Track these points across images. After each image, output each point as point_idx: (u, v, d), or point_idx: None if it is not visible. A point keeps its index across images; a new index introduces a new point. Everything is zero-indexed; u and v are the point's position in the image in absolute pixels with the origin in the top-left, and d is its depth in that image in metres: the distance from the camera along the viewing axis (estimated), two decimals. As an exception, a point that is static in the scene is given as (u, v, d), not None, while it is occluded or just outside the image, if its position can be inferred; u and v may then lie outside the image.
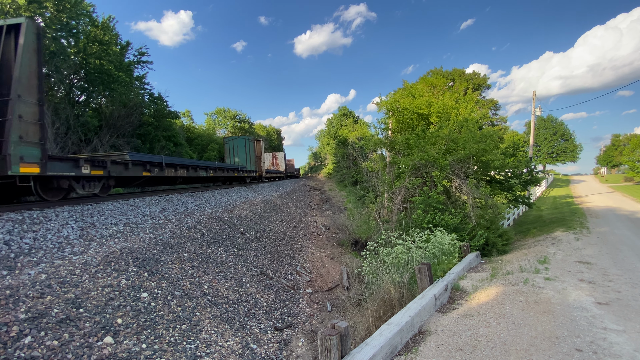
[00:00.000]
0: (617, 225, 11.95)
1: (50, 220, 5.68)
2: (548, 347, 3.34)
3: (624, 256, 7.45)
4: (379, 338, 3.41)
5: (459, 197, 10.24)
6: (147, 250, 5.82)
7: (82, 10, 16.35)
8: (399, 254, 6.46)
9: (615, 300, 4.62)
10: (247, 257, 8.11)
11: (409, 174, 10.98)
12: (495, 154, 10.81)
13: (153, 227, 7.07)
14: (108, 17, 18.83)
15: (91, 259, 4.78)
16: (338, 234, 14.50)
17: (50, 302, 3.68)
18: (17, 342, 3.06)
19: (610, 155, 68.61)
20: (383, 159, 15.30)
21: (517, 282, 5.49)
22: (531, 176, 12.69)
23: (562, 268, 6.40)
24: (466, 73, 38.12)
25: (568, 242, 9.17)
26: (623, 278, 5.74)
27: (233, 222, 9.82)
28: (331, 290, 8.28)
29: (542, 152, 60.89)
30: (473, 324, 4.00)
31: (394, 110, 15.57)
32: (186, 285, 5.46)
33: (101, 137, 17.47)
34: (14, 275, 3.92)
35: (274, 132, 62.17)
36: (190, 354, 3.97)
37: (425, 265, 5.29)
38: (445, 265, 6.61)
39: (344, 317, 6.65)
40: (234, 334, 4.87)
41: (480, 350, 3.37)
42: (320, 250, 11.58)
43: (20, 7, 13.38)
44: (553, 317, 4.02)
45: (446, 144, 11.12)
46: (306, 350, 5.30)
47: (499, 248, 9.13)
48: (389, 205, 12.20)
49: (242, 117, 49.66)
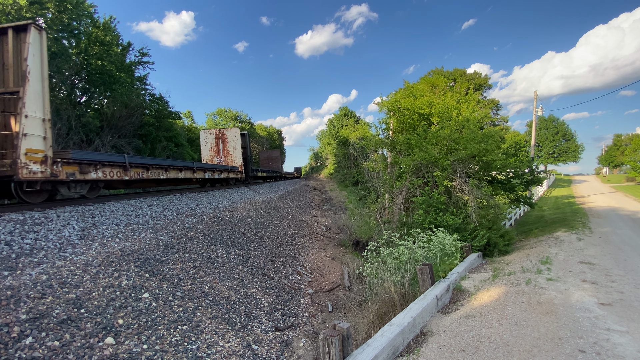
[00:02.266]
0: (620, 225, 11.90)
1: (51, 220, 5.69)
2: (551, 348, 3.31)
3: (627, 256, 7.41)
4: (380, 339, 3.40)
5: (460, 197, 10.21)
6: (149, 250, 5.81)
7: (84, 11, 16.40)
8: (401, 254, 6.44)
9: (618, 301, 4.59)
10: (248, 257, 8.11)
11: (410, 174, 10.95)
12: (497, 154, 10.78)
13: (154, 227, 7.07)
14: (109, 18, 18.89)
15: (92, 259, 4.77)
16: (339, 234, 14.49)
17: (52, 302, 3.68)
18: (18, 342, 3.06)
19: (612, 155, 68.37)
20: (384, 159, 15.28)
21: (519, 282, 5.46)
22: (533, 176, 12.66)
23: (564, 268, 6.37)
24: (467, 73, 38.09)
25: (570, 242, 9.13)
26: (626, 278, 5.71)
27: (234, 223, 9.81)
28: (332, 290, 8.26)
29: (544, 152, 60.76)
30: (475, 325, 3.98)
31: (395, 110, 15.55)
32: (187, 285, 5.45)
33: (102, 137, 17.51)
34: (15, 276, 3.92)
35: (275, 133, 62.20)
36: (191, 355, 3.96)
37: (427, 266, 5.27)
38: (446, 265, 6.58)
39: (345, 318, 6.63)
40: (235, 334, 4.86)
41: (483, 351, 3.35)
42: (322, 250, 11.56)
43: (21, 7, 13.42)
44: (556, 318, 3.99)
45: (447, 144, 11.09)
46: (307, 351, 5.28)
47: (500, 248, 9.09)
48: (390, 206, 12.17)
49: (243, 118, 49.77)
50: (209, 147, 17.96)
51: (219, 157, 17.93)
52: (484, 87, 38.46)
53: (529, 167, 12.82)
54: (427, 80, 30.89)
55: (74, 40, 16.71)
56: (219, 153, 17.90)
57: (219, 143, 17.95)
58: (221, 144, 17.95)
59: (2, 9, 13.14)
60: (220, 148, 17.93)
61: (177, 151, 24.48)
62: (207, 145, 18.01)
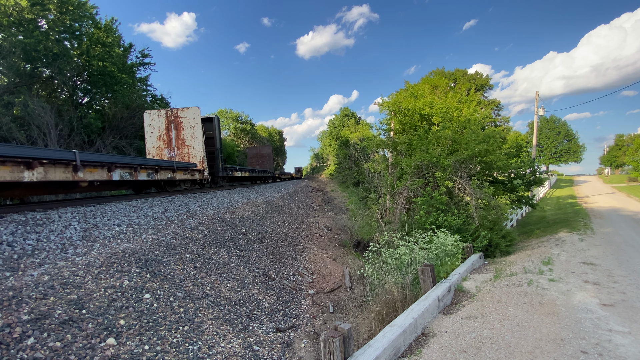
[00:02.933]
0: (622, 225, 11.85)
1: (53, 221, 5.70)
2: (553, 349, 3.30)
3: (629, 257, 7.38)
4: (382, 340, 3.39)
5: (461, 197, 10.20)
6: (150, 251, 5.82)
7: (85, 12, 16.47)
8: (402, 255, 6.43)
9: (620, 302, 4.57)
10: (250, 258, 8.11)
11: (412, 174, 10.94)
12: (498, 154, 10.77)
13: (155, 228, 7.08)
14: (111, 19, 18.97)
15: (94, 260, 4.78)
16: (340, 235, 14.48)
17: (53, 303, 3.68)
18: (19, 343, 3.06)
19: (614, 156, 68.10)
20: (385, 160, 15.28)
21: (521, 283, 5.44)
22: (534, 177, 12.63)
23: (566, 269, 6.35)
24: (469, 73, 38.03)
25: (572, 243, 9.10)
26: (628, 279, 5.69)
27: (235, 223, 9.82)
28: (333, 291, 8.25)
29: (545, 153, 60.65)
30: (477, 326, 3.97)
31: (396, 110, 15.54)
32: (188, 286, 5.46)
33: (104, 138, 17.55)
34: (17, 277, 3.93)
35: (276, 133, 62.28)
36: (192, 356, 3.96)
37: (429, 267, 5.26)
38: (448, 266, 6.57)
39: (346, 319, 6.63)
40: (236, 335, 4.86)
41: (485, 353, 3.34)
42: (323, 251, 11.56)
43: (23, 9, 13.48)
44: (558, 319, 3.98)
45: (449, 144, 11.08)
46: (309, 352, 5.28)
47: (502, 249, 9.07)
48: (392, 206, 12.16)
49: (245, 119, 49.81)
50: (157, 136, 12.74)
51: (170, 149, 12.66)
52: (485, 88, 38.39)
53: (531, 167, 12.80)
54: (428, 80, 30.88)
55: (76, 42, 16.78)
56: (170, 144, 12.66)
57: (171, 130, 12.61)
58: (174, 131, 12.61)
59: (4, 10, 13.20)
60: (173, 136, 12.64)
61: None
62: (153, 132, 12.74)
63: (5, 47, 13.59)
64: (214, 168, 14.07)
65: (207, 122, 13.94)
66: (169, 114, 12.66)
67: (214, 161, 14.12)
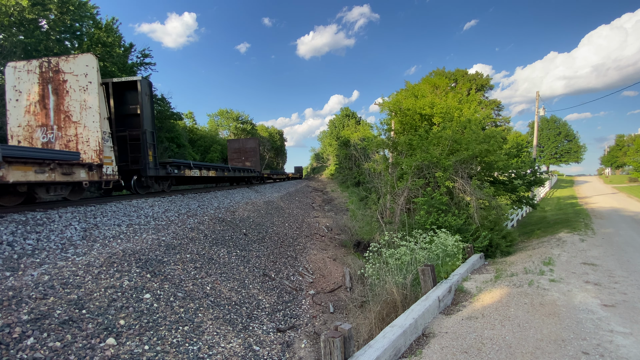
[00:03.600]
0: (622, 226, 11.83)
1: (53, 221, 5.70)
2: (554, 350, 3.29)
3: (630, 257, 7.36)
4: (382, 340, 3.38)
5: (462, 198, 10.18)
6: (150, 251, 5.82)
7: (86, 12, 16.47)
8: (402, 255, 6.42)
9: (621, 302, 4.56)
10: (250, 258, 8.10)
11: (412, 174, 10.93)
12: (499, 154, 10.75)
13: (156, 228, 7.07)
14: (111, 19, 18.99)
15: (94, 260, 4.78)
16: (340, 235, 14.47)
17: (53, 303, 3.68)
18: (19, 343, 3.06)
19: (615, 156, 68.03)
20: (386, 160, 15.28)
21: (521, 283, 5.43)
22: (535, 177, 12.60)
23: (567, 270, 6.33)
24: (469, 74, 38.02)
25: (573, 243, 9.08)
26: (629, 280, 5.67)
27: (235, 223, 9.81)
28: (334, 291, 8.24)
29: (546, 153, 60.59)
30: (477, 326, 3.96)
31: (396, 111, 15.53)
32: (189, 286, 5.45)
33: (104, 138, 17.53)
34: (17, 277, 3.92)
35: (277, 133, 62.25)
36: (192, 356, 3.95)
37: (429, 267, 5.25)
38: (448, 266, 6.56)
39: (346, 319, 6.62)
40: (236, 335, 4.85)
41: (485, 353, 3.33)
42: (323, 251, 11.55)
43: (24, 9, 13.48)
44: (559, 320, 3.97)
45: (449, 144, 11.06)
46: (309, 352, 5.27)
47: (502, 249, 9.06)
48: (392, 207, 12.15)
49: (245, 119, 49.79)
50: (25, 106, 8.06)
51: (47, 127, 7.98)
52: (485, 88, 38.39)
53: (531, 167, 12.77)
54: (429, 80, 30.84)
55: (77, 42, 16.78)
56: (47, 116, 8.01)
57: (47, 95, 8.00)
58: (52, 97, 7.99)
59: (5, 10, 13.21)
60: (51, 104, 8.00)
61: (179, 152, 24.52)
62: (20, 99, 8.06)
63: (6, 47, 13.60)
64: (139, 163, 9.59)
65: (124, 88, 9.46)
66: (45, 67, 7.95)
67: (139, 152, 9.58)
